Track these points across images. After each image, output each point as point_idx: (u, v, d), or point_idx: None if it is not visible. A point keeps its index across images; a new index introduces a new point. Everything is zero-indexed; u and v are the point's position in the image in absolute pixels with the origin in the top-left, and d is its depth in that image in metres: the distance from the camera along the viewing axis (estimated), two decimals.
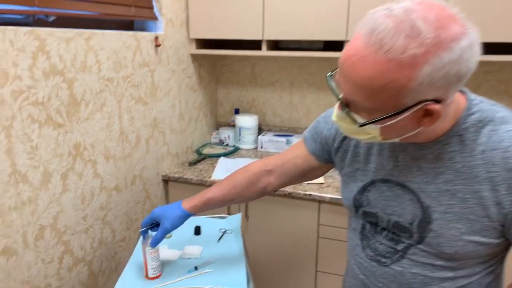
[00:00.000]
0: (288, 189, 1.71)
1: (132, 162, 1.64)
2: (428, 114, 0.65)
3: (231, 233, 1.40)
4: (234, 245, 1.32)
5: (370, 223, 0.87)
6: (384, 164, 0.82)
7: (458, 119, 0.73)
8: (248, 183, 1.07)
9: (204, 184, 1.82)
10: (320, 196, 1.66)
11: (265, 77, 2.34)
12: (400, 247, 0.81)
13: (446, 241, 0.74)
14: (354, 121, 0.69)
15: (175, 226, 1.07)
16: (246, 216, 1.81)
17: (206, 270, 1.17)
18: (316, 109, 2.30)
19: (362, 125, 0.68)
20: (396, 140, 0.73)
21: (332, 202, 1.66)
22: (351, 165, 0.89)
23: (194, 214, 1.10)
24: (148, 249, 1.08)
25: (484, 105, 0.74)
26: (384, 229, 0.84)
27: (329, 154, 0.95)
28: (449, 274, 0.77)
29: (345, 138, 0.91)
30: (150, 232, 1.11)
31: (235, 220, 1.48)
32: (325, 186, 1.73)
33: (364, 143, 0.86)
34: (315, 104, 2.30)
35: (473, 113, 0.73)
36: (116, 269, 1.58)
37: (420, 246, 0.78)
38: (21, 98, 1.09)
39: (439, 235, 0.74)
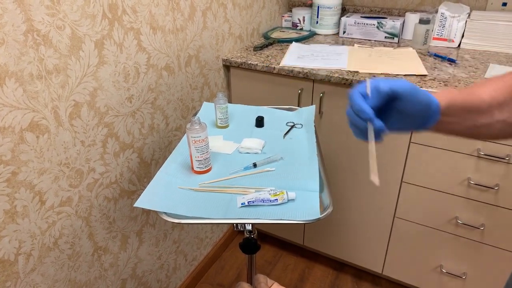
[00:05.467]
0: None
1: (186, 38, 1.36)
2: None
3: (301, 127, 1.11)
4: (304, 142, 1.04)
5: None
6: None
7: None
8: None
9: (271, 72, 1.50)
10: None
11: None
12: None
13: None
14: None
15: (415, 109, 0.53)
16: (319, 112, 1.49)
17: (267, 169, 0.92)
18: None
19: None
20: None
21: None
22: None
23: (437, 117, 0.54)
24: (191, 136, 0.83)
25: None
26: None
27: None
28: None
29: None
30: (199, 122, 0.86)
31: (307, 113, 1.17)
32: (429, 79, 1.32)
33: None
34: None
35: None
36: None
37: None
38: None
39: None
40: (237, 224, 0.79)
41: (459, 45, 1.63)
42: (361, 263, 1.72)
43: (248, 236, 1.00)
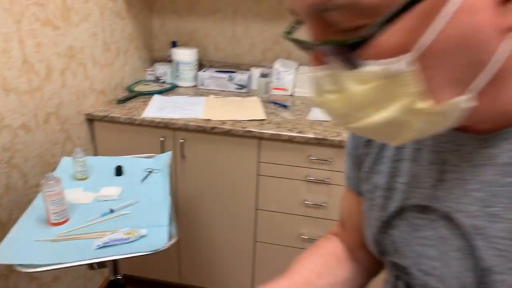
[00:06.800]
0: (227, 126, 1.57)
1: (43, 97, 1.41)
2: None
3: (158, 172, 1.27)
4: (160, 185, 1.19)
5: (402, 280, 0.50)
6: (421, 177, 0.44)
7: None
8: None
9: (134, 123, 1.64)
10: (260, 133, 1.55)
11: (205, 5, 2.10)
12: None
13: None
14: (351, 64, 0.31)
15: None
16: (182, 156, 1.67)
17: (124, 212, 1.04)
18: (262, 42, 2.12)
19: (355, 44, 0.30)
20: (467, 104, 0.32)
21: (273, 138, 1.56)
22: (369, 178, 0.52)
23: None
24: (46, 191, 0.92)
25: None
26: None
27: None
28: None
29: (369, 141, 0.53)
30: (52, 174, 0.95)
31: (163, 159, 1.34)
32: (266, 123, 1.62)
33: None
34: (261, 37, 2.11)
35: None
36: None
37: None
38: None
39: None
40: (92, 264, 0.88)
41: (292, 94, 2.03)
42: None
43: (113, 278, 1.09)
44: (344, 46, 0.30)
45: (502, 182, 0.36)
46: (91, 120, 1.72)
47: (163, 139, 1.66)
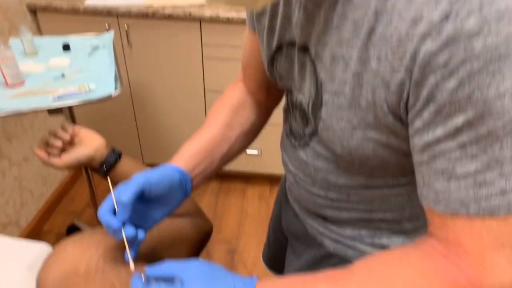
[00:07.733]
0: (168, 10, 1.66)
1: None
2: None
3: (103, 48, 1.38)
4: (105, 57, 1.32)
5: (288, 95, 0.66)
6: (291, 17, 0.54)
7: None
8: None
9: (77, 12, 1.68)
10: (200, 16, 1.65)
11: None
12: (307, 131, 0.60)
13: (336, 138, 0.52)
14: None
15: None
16: (128, 44, 1.77)
17: (75, 76, 1.18)
18: None
19: None
20: None
21: (213, 20, 1.66)
22: (259, 18, 0.61)
23: (186, 176, 0.64)
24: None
25: None
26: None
27: None
28: (361, 180, 0.57)
29: None
30: None
31: (107, 37, 1.44)
32: (207, 6, 1.71)
33: None
34: None
35: None
36: None
37: (318, 137, 0.57)
38: None
39: (327, 127, 0.52)
40: (51, 109, 1.04)
41: None
42: None
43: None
44: None
45: (328, 16, 0.46)
46: (34, 11, 1.74)
47: (108, 26, 1.73)
